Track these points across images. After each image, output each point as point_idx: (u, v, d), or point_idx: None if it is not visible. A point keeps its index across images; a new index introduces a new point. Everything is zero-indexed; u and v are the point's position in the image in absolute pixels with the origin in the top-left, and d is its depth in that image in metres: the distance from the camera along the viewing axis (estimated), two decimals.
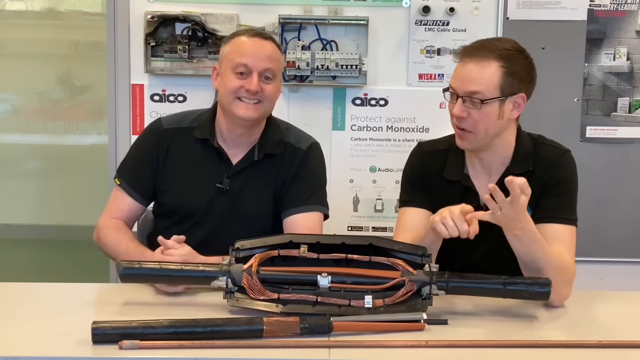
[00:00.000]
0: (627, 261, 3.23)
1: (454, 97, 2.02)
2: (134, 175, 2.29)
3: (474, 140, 2.03)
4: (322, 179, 2.33)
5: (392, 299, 1.81)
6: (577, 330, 1.82)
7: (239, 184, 2.24)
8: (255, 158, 2.24)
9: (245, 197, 2.24)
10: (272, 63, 2.18)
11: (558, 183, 2.06)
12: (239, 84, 2.15)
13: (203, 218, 2.24)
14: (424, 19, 3.14)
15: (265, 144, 2.25)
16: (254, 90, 2.14)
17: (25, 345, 1.66)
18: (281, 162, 2.25)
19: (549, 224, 2.01)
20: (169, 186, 2.27)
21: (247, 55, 2.15)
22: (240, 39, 2.20)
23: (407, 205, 2.16)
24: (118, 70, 3.17)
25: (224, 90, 2.18)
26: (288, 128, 2.33)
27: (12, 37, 5.07)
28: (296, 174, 2.25)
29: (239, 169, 2.24)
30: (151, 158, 2.28)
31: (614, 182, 3.20)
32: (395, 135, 3.21)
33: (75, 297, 1.98)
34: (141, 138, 2.36)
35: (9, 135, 5.22)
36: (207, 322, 1.68)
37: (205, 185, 2.24)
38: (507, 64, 1.99)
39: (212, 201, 2.24)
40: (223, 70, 2.20)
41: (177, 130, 2.28)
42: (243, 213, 2.23)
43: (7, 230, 5.05)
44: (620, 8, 3.12)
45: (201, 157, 2.25)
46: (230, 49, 2.19)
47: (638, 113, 3.17)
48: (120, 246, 2.18)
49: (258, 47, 2.17)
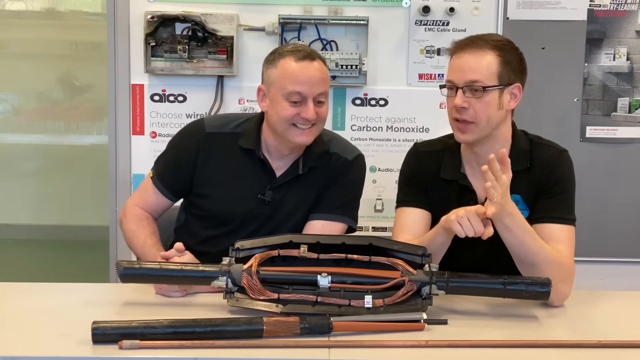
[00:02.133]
0: (626, 261, 3.23)
1: (453, 89, 2.02)
2: (169, 174, 2.28)
3: (476, 131, 2.02)
4: (359, 191, 2.30)
5: (392, 299, 1.81)
6: (577, 330, 1.82)
7: (280, 195, 2.21)
8: (299, 172, 2.21)
9: (285, 208, 2.22)
10: (324, 86, 2.13)
11: (556, 183, 2.06)
12: (295, 112, 2.10)
13: (240, 226, 2.21)
14: (424, 19, 3.14)
15: (309, 158, 2.21)
16: (310, 119, 2.10)
17: (25, 345, 1.66)
18: (326, 173, 2.22)
19: (547, 224, 2.01)
20: (208, 191, 2.25)
21: (299, 83, 2.09)
22: (289, 64, 2.11)
23: (405, 205, 2.17)
24: (118, 70, 3.17)
25: (277, 118, 2.12)
26: (332, 139, 2.28)
27: (12, 37, 5.07)
28: (335, 181, 2.23)
29: (283, 181, 2.21)
30: (190, 161, 2.24)
31: (614, 182, 3.20)
32: (395, 135, 3.21)
33: (75, 297, 1.97)
34: (182, 138, 2.31)
35: (9, 135, 5.23)
36: (207, 322, 1.68)
37: (246, 195, 2.21)
38: (502, 54, 2.02)
39: (252, 210, 2.21)
40: (273, 95, 2.13)
41: (220, 135, 2.24)
42: (281, 223, 2.21)
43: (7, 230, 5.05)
44: (620, 8, 3.12)
45: (244, 166, 2.22)
46: (280, 74, 2.12)
47: (638, 113, 3.17)
48: (137, 240, 2.20)
49: (310, 72, 2.10)
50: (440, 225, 1.95)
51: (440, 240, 1.96)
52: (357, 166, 2.28)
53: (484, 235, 1.85)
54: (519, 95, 2.07)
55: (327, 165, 2.23)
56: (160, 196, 2.29)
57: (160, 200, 2.29)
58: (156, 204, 2.30)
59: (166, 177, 2.28)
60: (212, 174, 2.24)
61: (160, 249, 2.14)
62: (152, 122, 3.21)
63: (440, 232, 1.95)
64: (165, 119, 3.21)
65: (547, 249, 1.92)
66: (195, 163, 2.24)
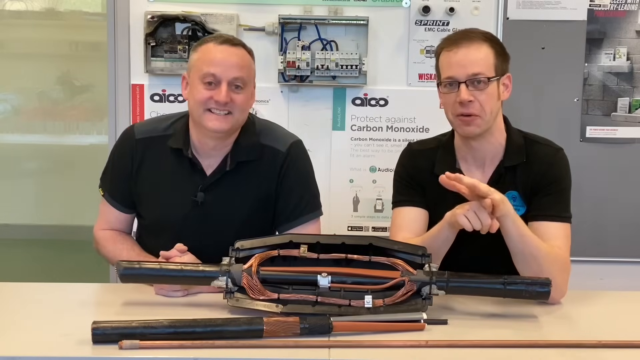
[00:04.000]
0: (626, 261, 3.23)
1: (454, 85, 2.02)
2: (114, 188, 2.24)
3: (481, 124, 2.03)
4: (310, 178, 2.24)
5: (392, 299, 1.81)
6: (577, 330, 1.82)
7: (214, 195, 2.15)
8: (227, 168, 2.14)
9: (220, 209, 2.15)
10: (241, 71, 2.07)
11: (552, 182, 2.07)
12: (208, 95, 2.05)
13: (180, 231, 2.13)
14: (424, 19, 3.14)
15: (237, 153, 2.14)
16: (223, 102, 2.04)
17: (25, 345, 1.66)
18: (259, 167, 2.16)
19: (543, 222, 2.03)
20: (144, 198, 2.21)
21: (215, 64, 2.05)
22: (208, 47, 2.08)
23: (401, 205, 2.17)
24: (118, 70, 3.17)
25: (193, 102, 2.08)
26: (265, 129, 2.21)
27: (12, 37, 5.07)
28: (282, 183, 2.17)
29: (213, 180, 2.15)
30: (126, 170, 2.20)
31: (614, 182, 3.20)
32: (395, 135, 3.21)
33: (75, 297, 1.97)
34: (115, 148, 2.27)
35: (9, 135, 5.22)
36: (207, 322, 1.68)
37: (180, 198, 2.15)
38: (494, 45, 2.05)
39: (188, 214, 2.15)
40: (192, 79, 2.09)
41: (150, 140, 2.18)
42: (219, 225, 2.14)
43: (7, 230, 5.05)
44: (620, 8, 3.12)
45: (176, 168, 2.16)
46: (198, 57, 2.09)
47: (638, 113, 3.17)
48: (121, 257, 2.10)
49: (226, 55, 2.06)
50: (445, 221, 1.95)
51: (444, 236, 1.97)
52: (295, 155, 2.19)
53: (491, 228, 1.87)
54: (509, 85, 2.09)
55: (262, 161, 2.15)
56: (117, 212, 2.24)
57: (119, 216, 2.24)
58: (118, 220, 2.25)
59: (112, 191, 2.24)
60: (147, 179, 2.19)
61: (147, 257, 2.11)
62: None
63: (445, 228, 1.96)
64: None
65: (544, 246, 1.95)
66: (130, 172, 2.19)
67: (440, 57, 2.07)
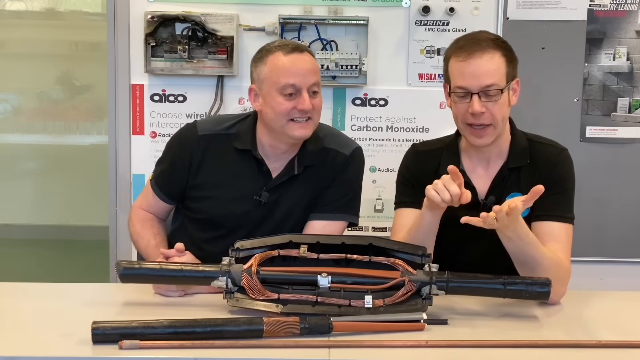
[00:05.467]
0: (626, 261, 3.23)
1: (467, 95, 2.01)
2: (165, 179, 2.28)
3: (494, 133, 2.03)
4: (358, 185, 2.29)
5: (392, 299, 1.81)
6: (577, 330, 1.82)
7: (276, 196, 2.20)
8: (295, 172, 2.19)
9: (281, 209, 2.21)
10: (316, 76, 2.13)
11: (556, 182, 2.06)
12: (290, 105, 2.09)
13: (236, 228, 2.19)
14: (424, 19, 3.14)
15: (304, 157, 2.20)
16: (307, 109, 2.09)
17: (25, 345, 1.66)
18: (322, 169, 2.21)
19: (546, 222, 2.03)
20: (203, 194, 2.24)
21: (291, 75, 2.09)
22: (278, 57, 2.11)
23: (404, 206, 2.17)
24: (118, 70, 3.17)
25: (273, 114, 2.11)
26: (328, 134, 2.27)
27: (12, 37, 5.08)
28: (334, 179, 2.22)
29: (279, 182, 2.20)
30: (184, 165, 2.23)
31: (614, 182, 3.20)
32: (395, 135, 3.21)
33: (75, 297, 1.97)
34: (175, 142, 2.30)
35: (9, 135, 5.23)
36: (207, 322, 1.68)
37: (242, 196, 2.20)
38: (505, 52, 2.04)
39: (248, 212, 2.20)
40: (266, 92, 2.12)
41: (213, 137, 2.23)
42: (276, 222, 2.20)
43: (7, 230, 5.05)
44: (620, 8, 3.12)
45: (239, 167, 2.21)
46: (270, 70, 2.11)
47: (638, 113, 3.17)
48: (141, 241, 2.23)
49: (300, 64, 2.10)
50: (423, 205, 1.96)
51: (426, 223, 1.96)
52: (356, 161, 2.26)
53: (463, 198, 1.86)
54: (517, 89, 2.08)
55: (325, 163, 2.22)
56: (159, 200, 2.30)
57: (159, 204, 2.31)
58: (157, 207, 2.31)
59: (162, 182, 2.29)
60: (207, 176, 2.23)
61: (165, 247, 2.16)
62: (152, 122, 3.21)
63: (425, 213, 1.96)
64: (165, 119, 3.21)
65: (547, 256, 1.92)
66: (190, 167, 2.23)
67: (450, 63, 2.05)
